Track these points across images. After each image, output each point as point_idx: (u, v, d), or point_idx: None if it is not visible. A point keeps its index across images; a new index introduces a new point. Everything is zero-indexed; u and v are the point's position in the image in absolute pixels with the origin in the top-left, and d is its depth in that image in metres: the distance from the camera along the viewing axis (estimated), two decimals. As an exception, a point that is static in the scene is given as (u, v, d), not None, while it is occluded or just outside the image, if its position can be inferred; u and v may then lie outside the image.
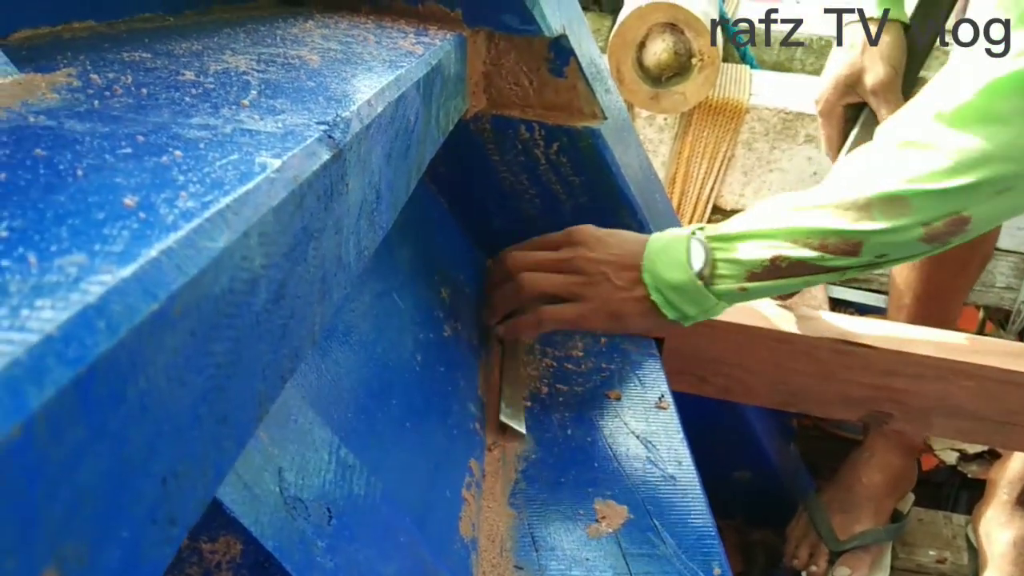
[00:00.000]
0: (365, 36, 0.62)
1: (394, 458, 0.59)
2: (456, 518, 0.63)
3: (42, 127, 0.27)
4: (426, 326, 0.75)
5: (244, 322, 0.23)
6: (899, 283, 1.16)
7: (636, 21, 1.16)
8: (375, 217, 0.40)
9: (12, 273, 0.17)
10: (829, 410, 0.95)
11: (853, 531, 1.16)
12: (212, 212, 0.21)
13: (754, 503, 1.27)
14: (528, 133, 0.86)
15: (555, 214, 0.93)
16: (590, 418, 0.80)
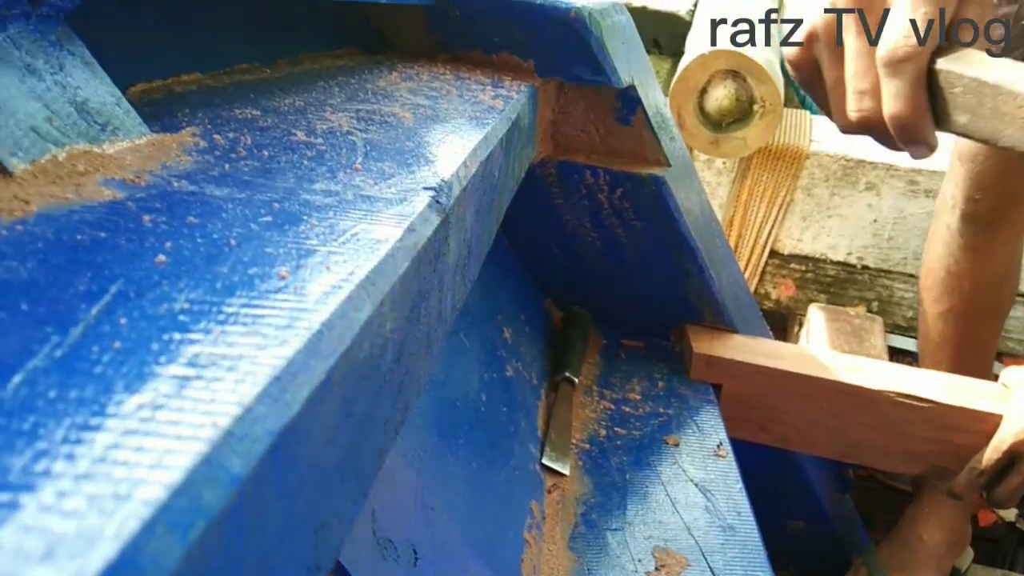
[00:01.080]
0: (448, 89, 0.65)
1: (464, 498, 0.60)
2: (519, 560, 0.64)
3: (187, 193, 0.29)
4: (490, 366, 0.77)
5: (375, 383, 0.25)
6: (931, 339, 1.16)
7: (699, 68, 1.18)
8: (466, 271, 0.42)
9: (201, 345, 0.19)
10: (889, 463, 0.94)
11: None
12: (356, 285, 0.24)
13: (807, 554, 1.25)
14: (593, 178, 0.88)
15: (615, 257, 0.95)
16: (648, 463, 0.81)
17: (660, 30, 1.51)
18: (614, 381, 0.93)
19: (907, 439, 0.90)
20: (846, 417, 0.92)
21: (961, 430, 0.88)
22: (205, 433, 0.15)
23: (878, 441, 0.92)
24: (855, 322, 1.29)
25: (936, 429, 0.89)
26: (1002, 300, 1.13)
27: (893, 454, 0.92)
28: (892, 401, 0.89)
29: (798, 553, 1.25)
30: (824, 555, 1.24)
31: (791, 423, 0.95)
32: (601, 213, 0.91)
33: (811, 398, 0.92)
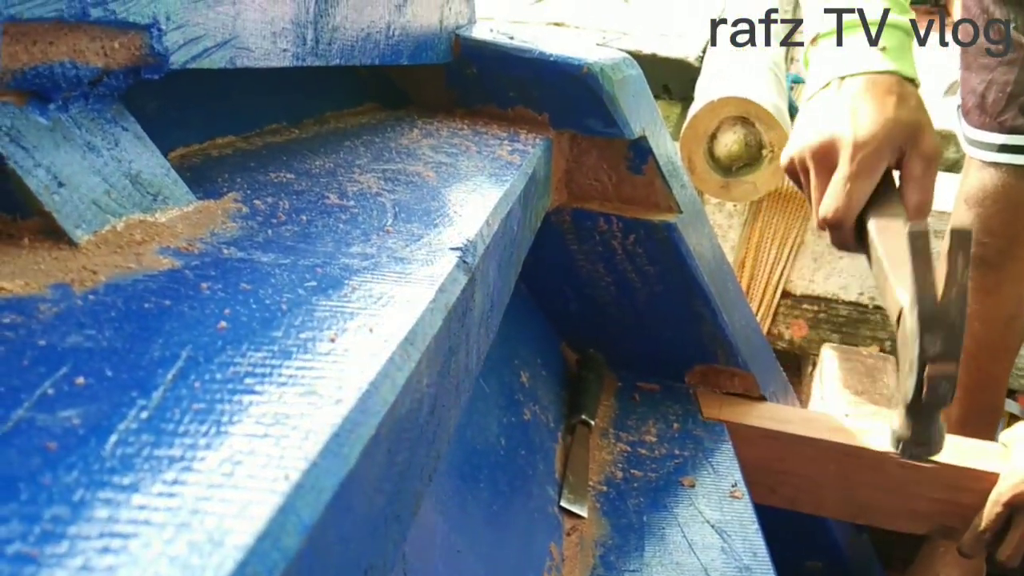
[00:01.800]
0: (467, 145, 0.68)
1: (485, 540, 0.62)
2: (540, 601, 0.65)
3: (237, 260, 0.32)
4: (509, 409, 0.79)
5: (414, 434, 0.27)
6: None
7: (708, 114, 1.21)
8: (490, 323, 0.45)
9: (266, 405, 0.21)
10: (897, 523, 0.96)
11: None
12: (397, 346, 0.26)
13: (823, 593, 1.25)
14: (606, 225, 0.90)
15: (629, 301, 0.97)
16: (664, 505, 0.82)
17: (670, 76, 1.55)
18: (630, 423, 0.95)
19: (913, 499, 0.92)
20: (853, 479, 0.94)
21: (965, 489, 0.90)
22: (280, 486, 0.18)
23: (885, 502, 0.94)
24: (868, 362, 1.30)
25: (940, 489, 0.91)
26: (1012, 338, 1.15)
27: (900, 514, 0.94)
28: (897, 463, 0.91)
29: (816, 592, 1.26)
30: (842, 594, 1.24)
31: (800, 485, 0.97)
32: (615, 259, 0.94)
33: (818, 461, 0.95)
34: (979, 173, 1.12)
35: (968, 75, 1.12)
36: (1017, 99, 1.07)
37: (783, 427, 0.97)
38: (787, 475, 0.98)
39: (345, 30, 0.56)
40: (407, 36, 0.68)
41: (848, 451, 0.94)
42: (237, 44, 0.42)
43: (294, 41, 0.49)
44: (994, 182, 1.10)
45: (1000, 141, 1.08)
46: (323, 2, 0.52)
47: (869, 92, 0.74)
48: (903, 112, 0.73)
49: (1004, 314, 1.13)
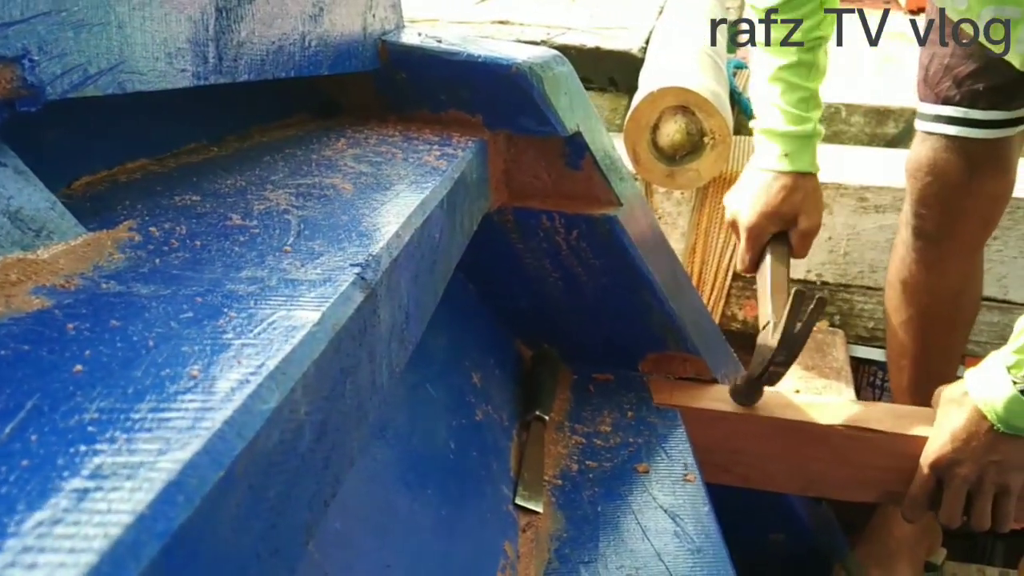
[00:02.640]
0: (394, 153, 0.67)
1: (432, 548, 0.62)
2: (492, 602, 0.65)
3: (114, 294, 0.31)
4: (459, 412, 0.79)
5: (291, 465, 0.27)
6: (894, 347, 1.20)
7: (648, 105, 1.22)
8: (405, 335, 0.44)
9: (105, 455, 0.21)
10: (846, 493, 0.98)
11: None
12: (264, 376, 0.26)
13: (790, 564, 1.27)
14: (549, 222, 0.90)
15: (578, 294, 0.97)
16: (619, 493, 0.82)
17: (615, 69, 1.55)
18: (585, 415, 0.95)
19: (860, 469, 0.94)
20: (802, 453, 0.96)
21: (908, 456, 0.92)
22: (98, 544, 0.17)
23: (833, 473, 0.96)
24: (817, 337, 1.31)
25: (885, 457, 0.93)
26: (961, 312, 1.16)
27: (848, 484, 0.96)
28: (842, 434, 0.93)
29: (780, 564, 1.27)
30: (806, 564, 1.26)
31: (751, 463, 0.99)
32: (560, 254, 0.93)
33: (768, 437, 0.96)
34: (918, 145, 1.13)
35: (922, 51, 1.15)
36: (952, 71, 1.08)
37: (733, 407, 0.98)
38: (739, 453, 0.99)
39: (252, 44, 0.55)
40: (326, 46, 0.67)
41: (796, 426, 0.96)
42: (126, 69, 0.41)
43: (193, 60, 0.48)
44: (927, 153, 1.11)
45: (935, 111, 1.10)
46: (225, 18, 0.51)
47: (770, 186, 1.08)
48: (785, 205, 1.07)
49: (950, 289, 1.14)
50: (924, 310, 1.15)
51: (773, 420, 0.97)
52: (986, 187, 1.11)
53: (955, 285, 1.14)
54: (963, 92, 1.08)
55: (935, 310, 1.15)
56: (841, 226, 1.34)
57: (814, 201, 1.08)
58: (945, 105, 1.09)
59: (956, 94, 1.08)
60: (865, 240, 1.34)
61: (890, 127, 1.58)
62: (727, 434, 0.99)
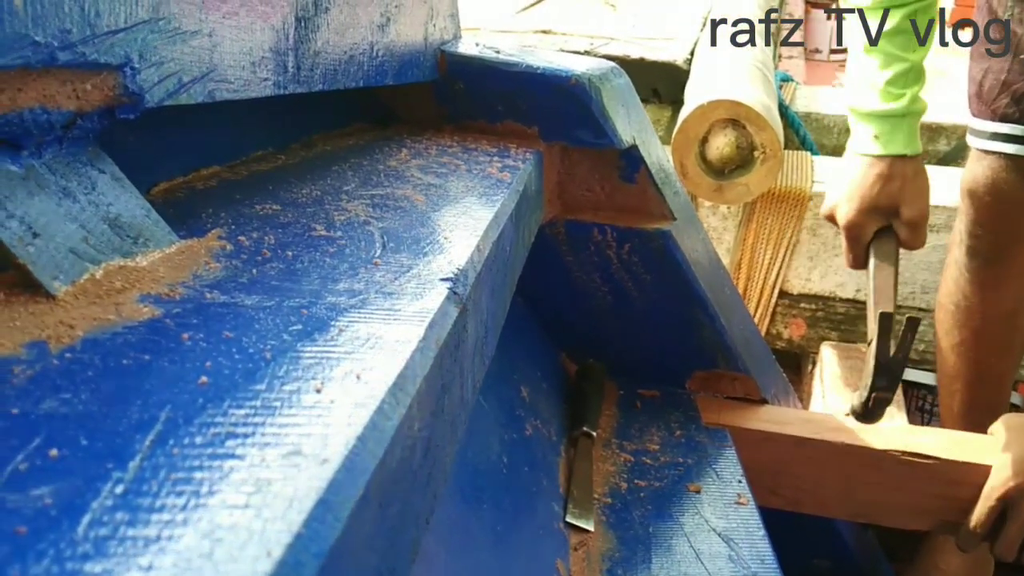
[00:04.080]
0: (456, 164, 0.67)
1: (490, 564, 0.61)
2: (547, 622, 0.64)
3: (220, 304, 0.31)
4: (510, 427, 0.78)
5: (407, 483, 0.27)
6: (946, 370, 1.18)
7: (699, 118, 1.21)
8: (484, 350, 0.44)
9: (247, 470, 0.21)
10: (898, 520, 0.96)
11: None
12: (386, 393, 0.25)
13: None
14: (601, 235, 0.90)
15: (626, 309, 0.96)
16: (670, 514, 0.81)
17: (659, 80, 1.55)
18: (632, 432, 0.94)
19: (913, 495, 0.92)
20: (854, 478, 0.94)
21: (964, 484, 0.90)
22: (263, 566, 0.17)
23: (886, 499, 0.94)
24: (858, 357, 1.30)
25: (940, 484, 0.91)
26: (1016, 334, 1.14)
27: (902, 511, 0.94)
28: (897, 460, 0.91)
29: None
30: (851, 593, 1.24)
31: (801, 487, 0.97)
32: (611, 268, 0.93)
33: (819, 461, 0.95)
34: (975, 164, 1.11)
35: (971, 64, 1.12)
36: (1011, 87, 1.06)
37: (783, 429, 0.97)
38: (789, 477, 0.97)
39: (327, 54, 0.55)
40: (391, 56, 0.67)
41: (848, 450, 0.94)
42: (215, 77, 0.41)
43: (275, 69, 0.48)
44: (985, 172, 1.09)
45: (992, 129, 1.08)
46: (303, 28, 0.51)
47: (865, 175, 1.04)
48: (882, 197, 1.03)
49: (1005, 311, 1.12)
50: (977, 333, 1.13)
51: (825, 443, 0.96)
52: None
53: (1010, 307, 1.12)
54: (1023, 109, 1.06)
55: (989, 332, 1.13)
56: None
57: (917, 187, 1.01)
58: (1003, 123, 1.07)
59: (1015, 111, 1.05)
60: (917, 260, 1.33)
61: (942, 144, 1.56)
62: (777, 456, 0.98)
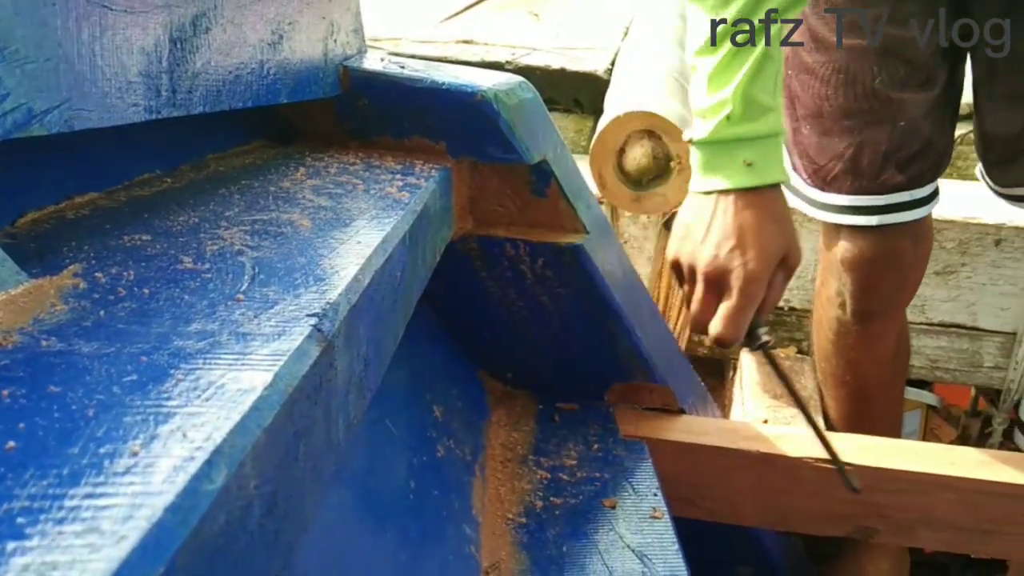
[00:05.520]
0: (355, 184, 0.66)
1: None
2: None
3: (54, 353, 0.29)
4: (420, 449, 0.77)
5: (241, 544, 0.25)
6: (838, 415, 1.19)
7: (615, 129, 1.21)
8: (364, 384, 0.43)
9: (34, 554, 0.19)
10: (816, 527, 0.97)
11: None
12: (211, 452, 0.24)
13: (757, 597, 1.26)
14: (514, 250, 0.89)
15: (543, 324, 0.96)
16: (585, 532, 0.81)
17: (580, 90, 1.55)
18: (550, 447, 0.93)
19: (830, 502, 0.93)
20: (771, 486, 0.95)
21: (879, 489, 0.91)
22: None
23: (803, 507, 0.95)
24: (785, 364, 1.31)
25: None
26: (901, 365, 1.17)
27: (818, 518, 0.95)
28: (811, 467, 0.92)
29: (750, 597, 1.26)
30: (775, 598, 1.25)
31: (719, 496, 0.98)
32: (525, 283, 0.92)
33: (736, 470, 0.95)
34: (855, 240, 1.06)
35: (825, 141, 1.03)
36: (892, 157, 1.02)
37: (700, 439, 0.97)
38: (706, 487, 0.98)
39: (208, 75, 0.53)
40: (285, 73, 0.66)
41: (764, 459, 0.95)
42: (72, 107, 0.39)
43: (145, 94, 0.46)
44: (879, 244, 1.05)
45: (884, 202, 1.03)
46: (179, 49, 0.50)
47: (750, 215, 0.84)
48: (779, 238, 0.85)
49: (891, 350, 1.13)
50: (868, 377, 1.13)
51: (741, 452, 0.96)
52: (925, 249, 1.09)
53: (894, 345, 1.13)
54: (911, 175, 1.02)
55: (881, 375, 1.14)
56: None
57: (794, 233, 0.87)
58: (894, 193, 1.02)
59: (903, 179, 1.01)
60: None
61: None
62: (694, 467, 0.98)
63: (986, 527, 0.93)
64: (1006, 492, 0.90)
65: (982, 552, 0.96)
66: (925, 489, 0.92)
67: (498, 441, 0.93)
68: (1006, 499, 0.91)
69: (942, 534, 0.95)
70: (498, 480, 0.87)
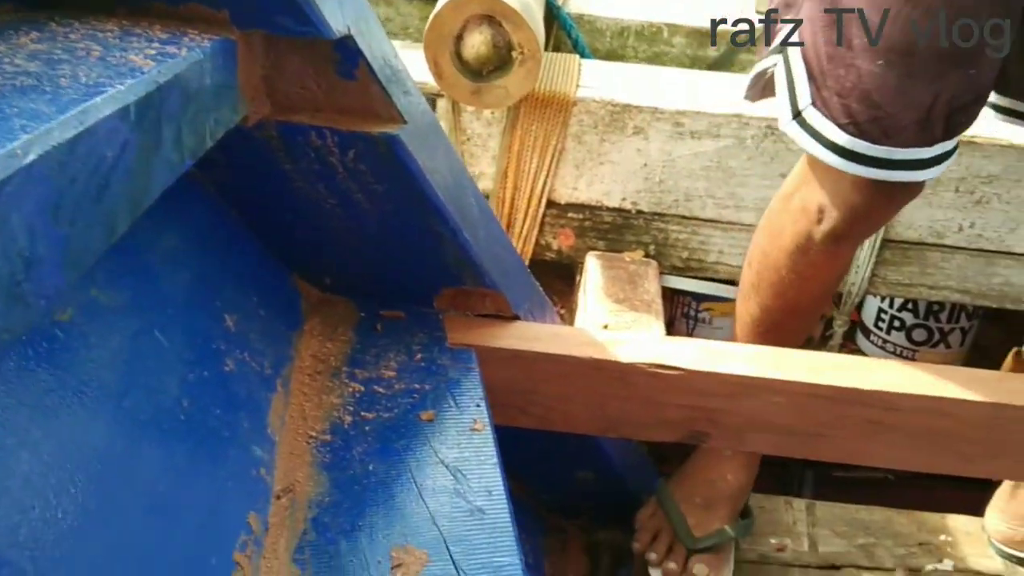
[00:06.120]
0: (92, 50, 0.54)
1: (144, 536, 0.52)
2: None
3: None
4: (200, 364, 0.68)
5: None
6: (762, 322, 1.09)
7: (451, 13, 1.11)
8: (24, 290, 0.33)
9: None
10: (648, 433, 0.95)
11: (711, 528, 1.14)
12: None
13: (599, 502, 1.25)
14: (320, 140, 0.79)
15: (360, 224, 0.87)
16: (396, 449, 0.74)
17: (423, -28, 1.43)
18: (368, 359, 0.86)
19: (662, 408, 0.91)
20: (603, 393, 0.91)
21: (714, 394, 0.89)
22: None
23: (635, 413, 0.92)
24: (631, 268, 1.27)
25: (688, 395, 0.89)
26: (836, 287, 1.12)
27: (651, 424, 0.93)
28: (644, 372, 0.88)
29: (590, 501, 1.25)
30: (616, 502, 1.24)
31: (549, 404, 0.93)
32: (336, 178, 0.83)
33: (567, 377, 0.91)
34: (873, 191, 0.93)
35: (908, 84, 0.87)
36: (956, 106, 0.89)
37: (531, 346, 0.92)
38: (537, 394, 0.94)
39: None
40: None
41: (596, 365, 0.91)
42: None
43: None
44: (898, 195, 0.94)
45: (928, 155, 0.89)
46: None
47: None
48: None
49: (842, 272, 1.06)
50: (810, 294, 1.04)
51: (572, 359, 0.92)
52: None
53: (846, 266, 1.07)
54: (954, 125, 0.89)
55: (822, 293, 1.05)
56: (657, 152, 1.29)
57: None
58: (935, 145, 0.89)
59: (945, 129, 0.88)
60: (680, 168, 1.30)
61: (712, 50, 1.54)
62: (524, 374, 0.93)
63: (815, 430, 0.93)
64: (834, 396, 0.89)
65: (811, 455, 0.96)
66: (755, 393, 0.90)
67: (309, 352, 0.85)
68: (834, 402, 0.90)
69: (772, 437, 0.94)
70: (304, 395, 0.80)
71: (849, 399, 0.89)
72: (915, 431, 0.90)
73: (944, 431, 0.90)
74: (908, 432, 0.90)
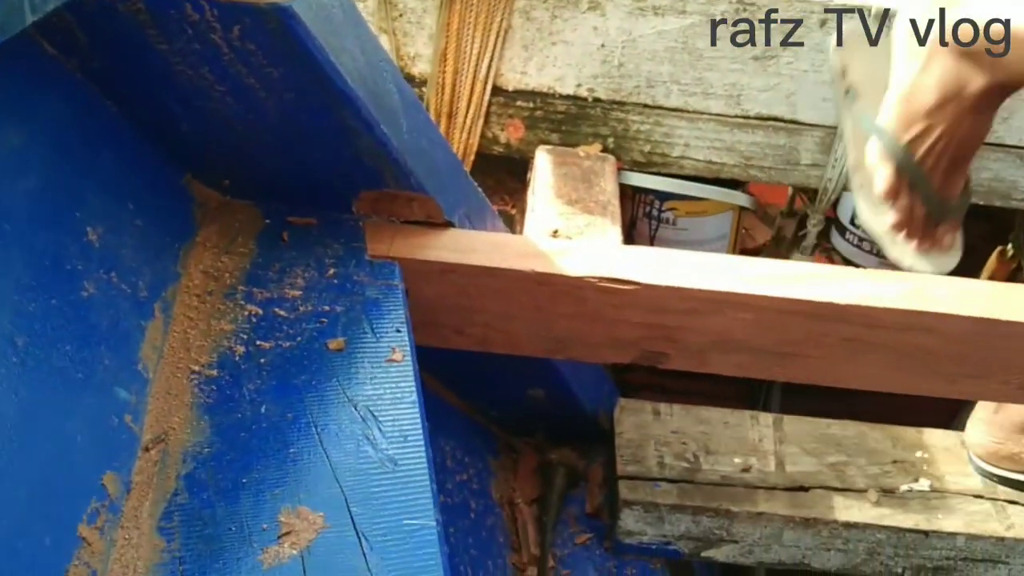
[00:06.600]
0: None
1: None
2: (62, 572, 0.46)
3: None
4: (44, 290, 0.55)
5: None
6: None
7: None
8: None
9: None
10: (600, 354, 0.86)
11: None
12: None
13: (553, 420, 1.16)
14: (197, 14, 0.65)
15: (258, 115, 0.73)
16: (296, 385, 0.63)
17: None
18: (270, 275, 0.74)
19: (614, 326, 0.81)
20: (548, 310, 0.81)
21: (670, 311, 0.78)
22: None
23: (585, 332, 0.82)
24: (585, 164, 1.15)
25: (643, 312, 0.79)
26: None
27: (602, 344, 0.83)
28: (595, 287, 0.78)
29: (543, 419, 1.16)
30: (569, 420, 1.16)
31: (489, 323, 0.83)
32: (222, 60, 0.69)
33: (507, 293, 0.80)
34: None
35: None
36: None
37: (466, 258, 0.80)
38: (474, 312, 0.83)
39: None
40: None
41: (541, 279, 0.80)
42: None
43: None
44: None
45: None
46: None
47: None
48: None
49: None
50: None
51: (514, 272, 0.80)
52: None
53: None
54: None
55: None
56: (615, 31, 1.14)
57: None
58: None
59: None
60: (642, 49, 1.16)
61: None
62: (459, 290, 0.82)
63: (786, 349, 0.83)
64: (807, 311, 0.79)
65: (782, 376, 0.86)
66: (719, 309, 0.80)
67: (199, 268, 0.73)
68: (807, 318, 0.80)
69: (738, 357, 0.84)
70: (189, 320, 0.68)
71: (824, 315, 0.79)
72: (897, 349, 0.80)
73: (928, 349, 0.80)
74: (889, 351, 0.80)
